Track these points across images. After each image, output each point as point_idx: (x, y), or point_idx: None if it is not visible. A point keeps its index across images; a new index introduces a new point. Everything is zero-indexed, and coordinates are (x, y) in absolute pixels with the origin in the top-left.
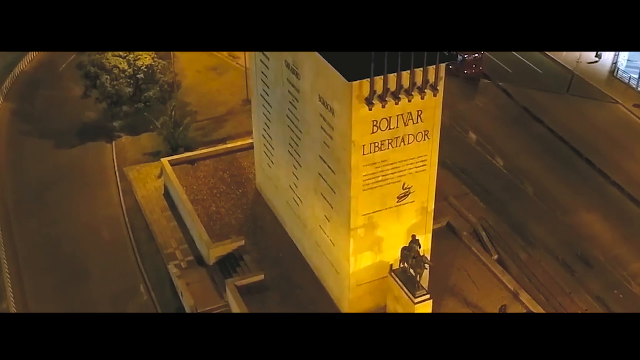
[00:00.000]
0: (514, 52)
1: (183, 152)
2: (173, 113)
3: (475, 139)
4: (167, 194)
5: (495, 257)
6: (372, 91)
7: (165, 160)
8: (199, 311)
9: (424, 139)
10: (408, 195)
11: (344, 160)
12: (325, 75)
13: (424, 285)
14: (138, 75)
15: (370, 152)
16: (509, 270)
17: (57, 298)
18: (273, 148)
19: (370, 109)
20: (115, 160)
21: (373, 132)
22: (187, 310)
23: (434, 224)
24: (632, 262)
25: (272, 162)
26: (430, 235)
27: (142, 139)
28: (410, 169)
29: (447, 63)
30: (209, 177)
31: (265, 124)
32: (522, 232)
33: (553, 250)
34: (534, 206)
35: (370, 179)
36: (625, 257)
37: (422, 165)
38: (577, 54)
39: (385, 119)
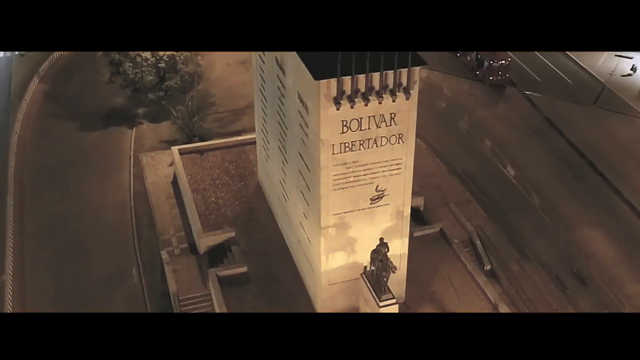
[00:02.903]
0: (547, 62)
1: (197, 142)
2: (189, 103)
3: (490, 147)
4: (175, 182)
5: (488, 267)
6: (340, 91)
7: (175, 149)
8: (180, 298)
9: (398, 142)
10: (382, 197)
11: (315, 158)
12: (302, 73)
13: (390, 289)
14: (160, 65)
15: (341, 152)
16: (500, 282)
17: (53, 274)
18: (269, 143)
19: (338, 109)
20: (132, 145)
21: (343, 132)
22: (171, 296)
23: (427, 229)
24: (629, 284)
25: (268, 156)
26: (407, 240)
27: (162, 126)
28: (383, 171)
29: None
30: (215, 167)
31: (263, 118)
32: (519, 244)
33: (549, 264)
34: (538, 219)
35: (341, 178)
36: (623, 278)
37: (397, 169)
38: (611, 66)
39: (355, 120)
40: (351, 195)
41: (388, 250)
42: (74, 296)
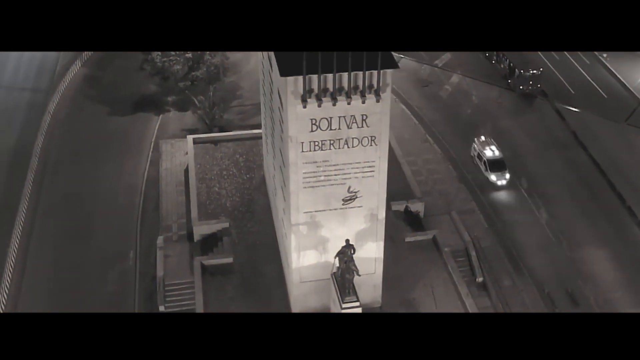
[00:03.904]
0: (584, 73)
1: (217, 132)
2: (211, 94)
3: (507, 158)
4: (187, 170)
5: (480, 279)
6: (307, 89)
7: (190, 137)
8: (166, 283)
9: (371, 144)
10: (354, 199)
11: (286, 155)
12: (277, 69)
13: (358, 292)
14: (187, 55)
15: (310, 150)
16: (490, 295)
17: (56, 248)
18: (267, 137)
19: (304, 107)
20: (156, 132)
21: (312, 131)
22: (157, 281)
23: (419, 235)
24: (624, 308)
25: (267, 151)
26: (382, 244)
27: (187, 115)
28: (355, 173)
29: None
30: (225, 159)
31: (264, 113)
32: (515, 259)
33: (543, 282)
34: (541, 234)
35: (311, 177)
36: (619, 302)
37: (370, 171)
38: None
39: (325, 119)
40: (322, 195)
41: (354, 252)
42: (72, 272)
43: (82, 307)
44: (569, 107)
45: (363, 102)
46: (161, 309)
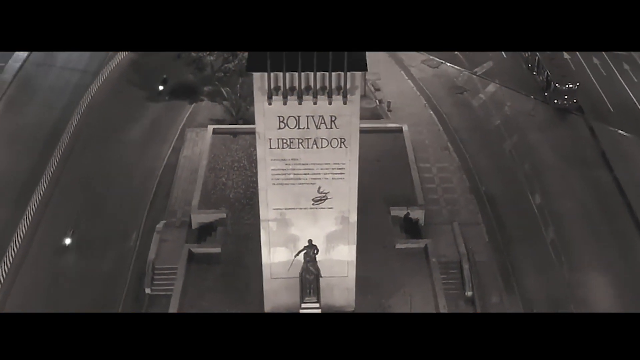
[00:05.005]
0: (628, 91)
1: (241, 124)
2: (239, 87)
3: (526, 172)
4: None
5: (469, 293)
6: (271, 86)
7: (210, 127)
8: (156, 267)
9: (340, 146)
10: (325, 200)
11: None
12: None
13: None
14: None
15: (279, 147)
16: (476, 310)
17: (68, 223)
18: None
19: (269, 103)
20: (184, 120)
21: (280, 128)
22: (147, 264)
23: (411, 243)
24: None
25: None
26: (354, 247)
27: (218, 106)
28: (325, 173)
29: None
30: (240, 151)
31: None
32: (509, 276)
33: (533, 303)
34: (543, 253)
35: (280, 174)
36: None
37: (340, 173)
38: None
39: (293, 117)
40: (292, 193)
41: (316, 253)
42: (75, 247)
43: (77, 283)
44: (604, 125)
45: (330, 103)
46: (147, 291)
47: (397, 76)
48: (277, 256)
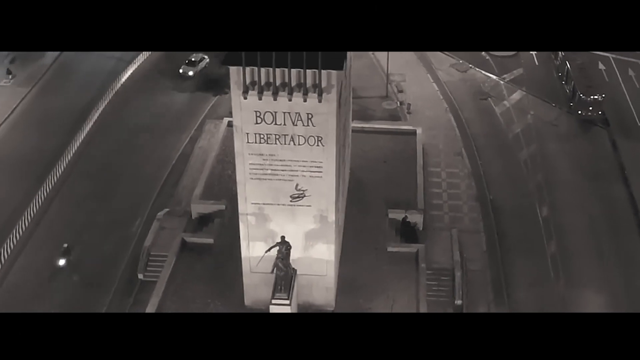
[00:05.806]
0: None
1: None
2: None
3: (538, 183)
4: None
5: (459, 302)
6: (245, 80)
7: (226, 120)
8: (151, 253)
9: (318, 144)
10: (303, 197)
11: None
12: None
13: (294, 290)
14: None
15: (256, 142)
16: None
17: (76, 206)
18: None
19: (245, 98)
20: (206, 112)
21: (257, 123)
22: (142, 250)
23: (403, 247)
24: None
25: None
26: (333, 247)
27: None
28: (303, 171)
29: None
30: None
31: None
32: (501, 288)
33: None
34: (541, 267)
35: (257, 169)
36: None
37: (317, 172)
38: None
39: (270, 113)
40: (269, 188)
41: (288, 249)
42: (80, 230)
43: (76, 266)
44: (628, 139)
45: (305, 101)
46: (140, 276)
47: (423, 79)
48: (256, 250)
